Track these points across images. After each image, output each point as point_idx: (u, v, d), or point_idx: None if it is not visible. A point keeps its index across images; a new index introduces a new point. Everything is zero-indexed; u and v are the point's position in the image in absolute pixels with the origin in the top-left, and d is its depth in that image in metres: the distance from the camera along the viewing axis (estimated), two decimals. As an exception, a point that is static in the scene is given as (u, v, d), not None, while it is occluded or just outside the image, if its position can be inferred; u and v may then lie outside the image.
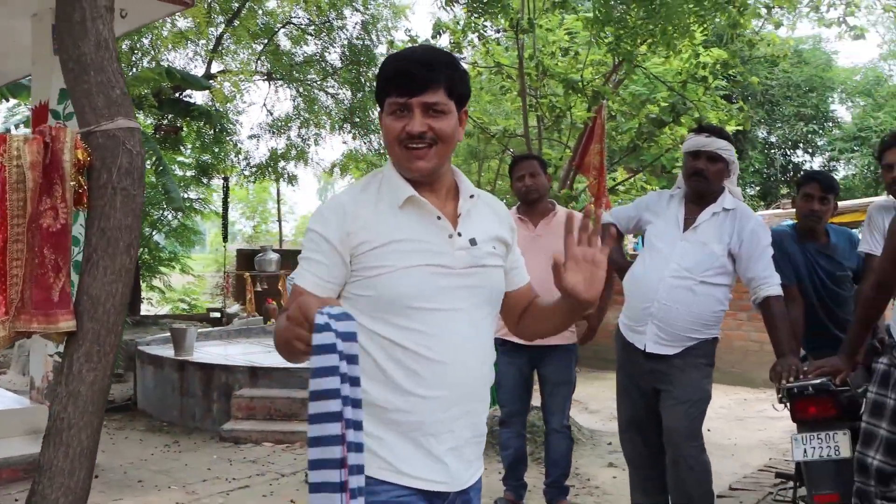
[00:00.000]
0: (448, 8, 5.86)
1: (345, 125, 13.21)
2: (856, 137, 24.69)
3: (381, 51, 12.55)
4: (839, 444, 3.54)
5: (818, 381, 3.49)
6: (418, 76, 1.82)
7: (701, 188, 3.88)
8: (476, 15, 5.78)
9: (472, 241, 1.93)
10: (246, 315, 11.09)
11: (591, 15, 6.68)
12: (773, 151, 25.57)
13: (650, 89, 7.84)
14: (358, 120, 12.97)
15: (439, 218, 1.90)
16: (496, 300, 2.01)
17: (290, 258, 12.95)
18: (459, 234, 1.91)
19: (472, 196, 1.97)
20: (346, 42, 12.43)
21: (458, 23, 7.27)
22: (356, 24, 12.40)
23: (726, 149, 3.88)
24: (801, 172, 24.76)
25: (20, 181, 2.68)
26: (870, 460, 3.19)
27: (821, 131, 26.77)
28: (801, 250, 4.16)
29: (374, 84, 1.99)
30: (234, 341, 9.44)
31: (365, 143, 13.44)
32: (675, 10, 5.38)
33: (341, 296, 1.92)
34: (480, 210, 2.01)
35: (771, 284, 3.74)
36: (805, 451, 3.56)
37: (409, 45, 7.16)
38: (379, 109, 1.98)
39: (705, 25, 6.13)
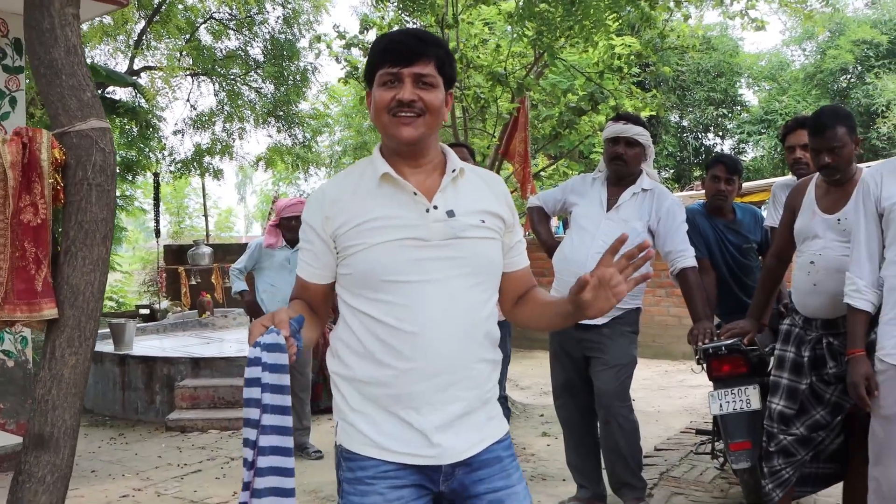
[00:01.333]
0: (380, 5, 6.08)
1: (269, 119, 13.33)
2: (763, 120, 25.66)
3: (304, 44, 12.72)
4: (750, 397, 3.96)
5: (730, 341, 3.90)
6: (411, 47, 1.88)
7: (621, 171, 4.25)
8: (406, 13, 6.03)
9: (450, 213, 1.94)
10: (180, 309, 11.18)
11: (512, 8, 7.02)
12: (685, 135, 26.40)
13: (569, 79, 8.22)
14: (282, 113, 13.08)
15: (416, 194, 1.93)
16: (484, 271, 2.00)
17: (221, 252, 13.04)
18: (436, 207, 1.93)
19: (454, 171, 1.98)
20: (268, 36, 12.54)
21: (383, 18, 7.52)
22: (278, 17, 12.51)
23: (642, 134, 4.25)
24: (713, 155, 25.69)
25: (1, 180, 2.87)
26: (774, 405, 3.61)
27: (730, 115, 27.74)
28: (711, 226, 4.58)
29: (294, 79, 2.09)
30: (171, 335, 9.54)
31: (290, 137, 13.57)
32: (591, 5, 5.74)
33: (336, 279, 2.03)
34: (470, 183, 2.03)
35: (687, 257, 4.14)
36: (721, 406, 3.97)
37: (337, 40, 7.38)
38: (367, 89, 2.03)
39: (619, 20, 6.53)
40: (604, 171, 4.41)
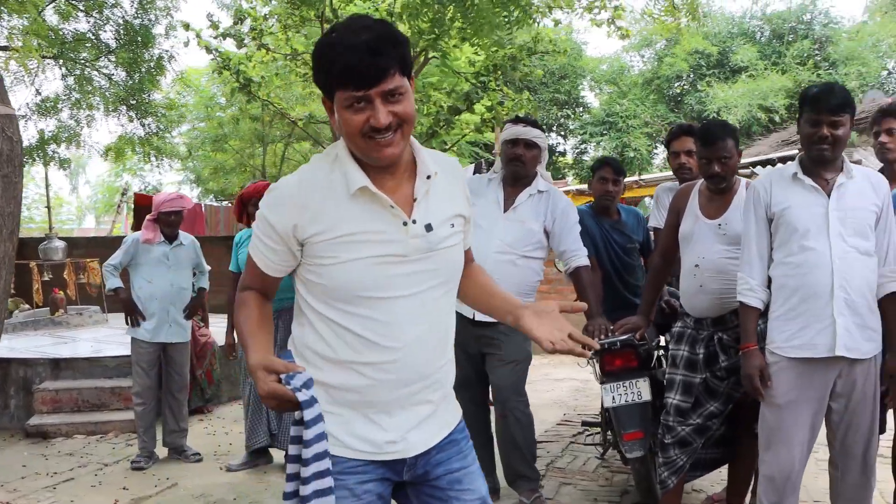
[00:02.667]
0: None
1: (120, 107, 12.71)
2: (604, 122, 26.75)
3: (160, 31, 12.22)
4: (641, 389, 4.17)
5: (624, 336, 4.10)
6: (372, 68, 1.70)
7: (519, 172, 4.36)
8: (294, 6, 5.94)
9: (428, 227, 1.88)
10: (28, 307, 10.50)
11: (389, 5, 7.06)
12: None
13: (441, 79, 8.33)
14: (135, 102, 12.52)
15: (392, 207, 1.84)
16: (455, 278, 2.00)
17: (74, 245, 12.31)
18: (414, 222, 1.86)
19: (428, 177, 1.89)
20: (121, 21, 11.96)
21: (255, 8, 7.39)
22: (133, 2, 11.94)
23: (540, 137, 4.39)
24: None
25: None
26: (670, 400, 3.83)
27: (572, 116, 28.78)
28: (598, 226, 4.78)
29: (148, 66, 1.89)
30: (21, 334, 8.94)
31: (142, 126, 12.99)
32: (483, 7, 5.87)
33: (295, 273, 1.94)
34: (438, 188, 1.94)
35: (581, 256, 4.31)
36: (613, 398, 4.16)
37: (210, 30, 7.16)
38: (323, 97, 1.89)
39: (509, 24, 6.69)
40: (499, 171, 4.51)
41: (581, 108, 29.27)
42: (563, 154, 30.21)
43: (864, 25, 26.05)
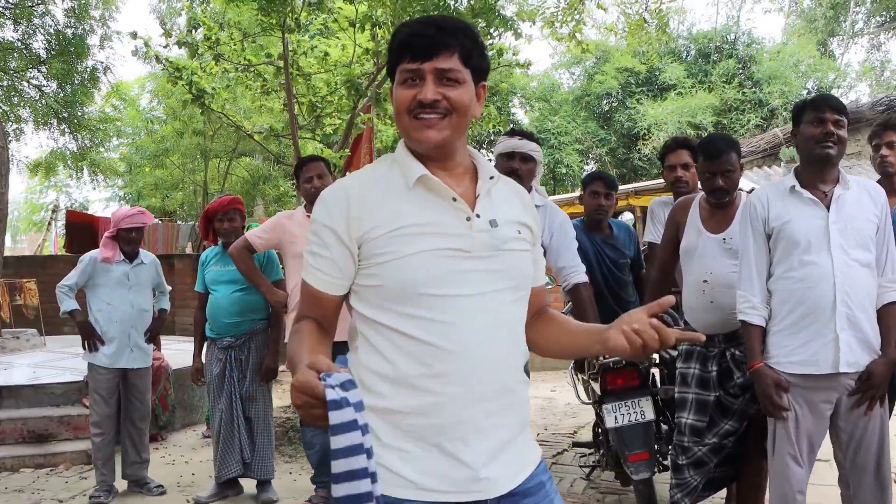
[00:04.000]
0: (238, 1, 5.69)
1: (51, 121, 12.12)
2: (535, 139, 26.91)
3: (95, 41, 11.71)
4: (644, 408, 4.06)
5: (626, 354, 3.98)
6: (430, 39, 1.70)
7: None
8: (264, 13, 5.69)
9: (493, 223, 1.77)
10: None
11: (352, 14, 6.87)
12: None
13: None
14: (67, 115, 11.96)
15: (455, 199, 1.75)
16: (523, 286, 1.85)
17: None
18: (478, 216, 1.76)
19: (491, 177, 1.83)
20: (52, 30, 11.42)
21: (206, 16, 7.10)
22: (68, 9, 11.39)
23: (536, 150, 4.26)
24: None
25: None
26: (684, 420, 3.72)
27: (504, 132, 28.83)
28: (590, 241, 4.67)
29: (81, 78, 1.78)
30: (-54, 359, 8.39)
31: (74, 141, 12.42)
32: (463, 16, 5.74)
33: (351, 289, 1.79)
34: (502, 191, 1.88)
35: (579, 272, 4.17)
36: (616, 419, 4.04)
37: (163, 38, 6.86)
38: (391, 86, 1.84)
39: (490, 35, 6.58)
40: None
41: (511, 125, 29.42)
42: (494, 170, 30.30)
43: (784, 46, 26.80)
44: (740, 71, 24.81)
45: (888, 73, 30.08)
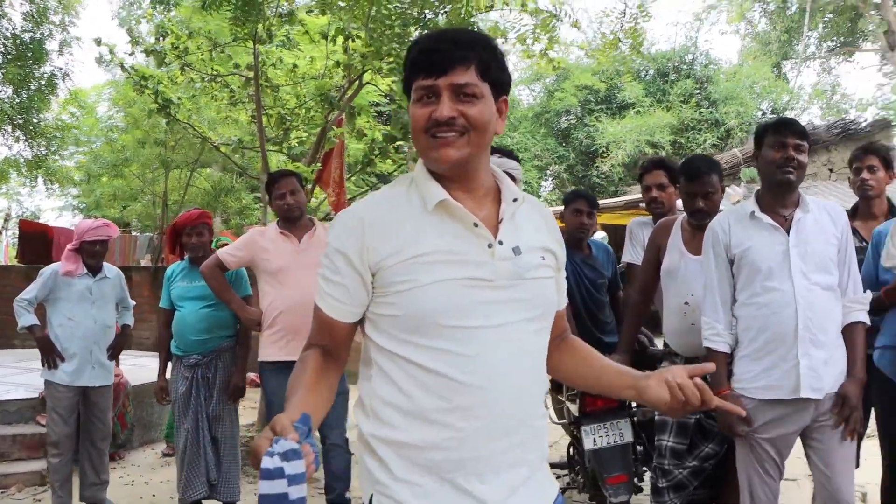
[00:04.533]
0: (209, 10, 5.56)
1: (6, 127, 11.78)
2: (491, 155, 27.02)
3: (54, 46, 11.43)
4: (623, 430, 4.03)
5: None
6: (444, 53, 1.62)
7: None
8: (238, 24, 5.59)
9: (516, 250, 1.69)
10: None
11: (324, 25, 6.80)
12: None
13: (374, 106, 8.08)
14: (23, 121, 11.62)
15: (476, 225, 1.67)
16: (547, 315, 1.77)
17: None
18: (500, 243, 1.68)
19: (515, 199, 1.74)
20: (9, 34, 11.12)
21: (173, 24, 6.97)
22: (26, 13, 11.10)
23: (517, 168, 4.20)
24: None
25: None
26: (664, 443, 3.68)
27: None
28: (570, 260, 4.61)
29: (39, 84, 1.71)
30: None
31: (32, 148, 12.07)
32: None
33: (365, 317, 1.72)
34: (527, 215, 1.79)
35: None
36: (595, 440, 4.00)
37: (131, 44, 6.71)
38: (408, 103, 1.76)
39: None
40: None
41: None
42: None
43: (740, 68, 27.28)
44: (697, 91, 25.15)
45: (838, 96, 30.78)
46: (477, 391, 1.61)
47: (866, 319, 3.21)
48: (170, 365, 5.07)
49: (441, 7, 5.98)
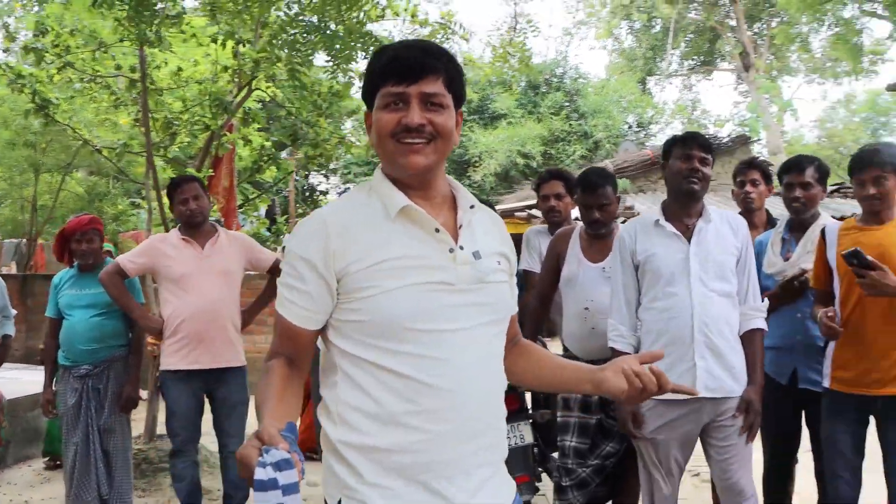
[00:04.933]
0: (100, 9, 5.34)
1: None
2: (368, 163, 27.01)
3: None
4: (523, 432, 4.16)
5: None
6: (416, 61, 1.67)
7: None
8: (135, 23, 5.40)
9: (476, 255, 1.74)
10: None
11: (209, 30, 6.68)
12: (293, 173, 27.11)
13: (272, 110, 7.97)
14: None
15: (437, 230, 1.71)
16: (505, 319, 1.83)
17: None
18: (461, 248, 1.73)
19: (472, 206, 1.79)
20: None
21: (52, 20, 6.69)
22: None
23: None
24: (318, 192, 26.38)
25: None
26: (567, 443, 3.83)
27: (335, 155, 28.78)
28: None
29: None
30: None
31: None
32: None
33: (328, 324, 1.74)
34: (482, 221, 1.84)
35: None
36: (499, 443, 4.10)
37: (6, 41, 6.40)
38: (366, 111, 1.80)
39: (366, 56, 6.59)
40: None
41: (343, 149, 29.35)
42: (326, 193, 30.19)
43: (607, 82, 28.31)
44: (567, 104, 25.87)
45: (698, 112, 32.43)
46: (446, 394, 1.65)
47: (764, 326, 3.40)
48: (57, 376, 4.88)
49: (338, 16, 6.00)
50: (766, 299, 3.49)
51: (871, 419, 3.49)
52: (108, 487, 4.72)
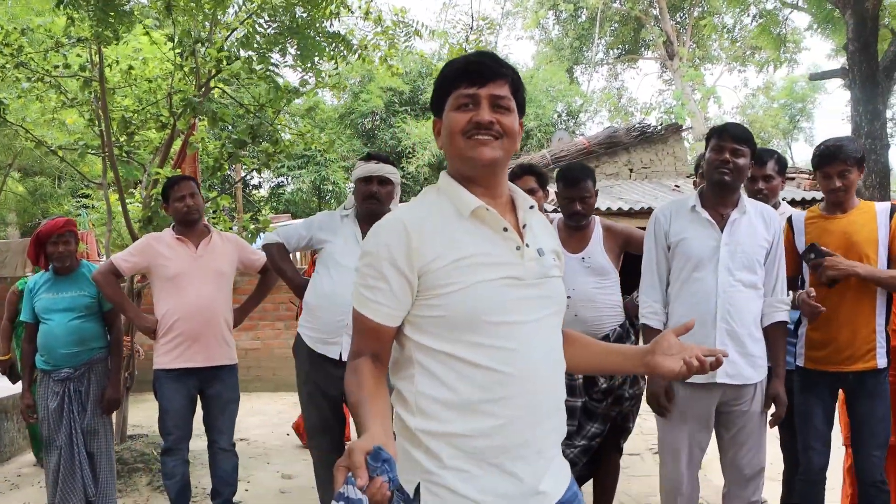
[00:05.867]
0: (70, 10, 5.27)
1: None
2: (302, 156, 26.84)
3: None
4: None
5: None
6: (486, 66, 1.83)
7: (375, 209, 4.28)
8: (100, 26, 5.34)
9: (540, 252, 1.90)
10: None
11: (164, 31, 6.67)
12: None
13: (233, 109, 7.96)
14: None
15: (506, 229, 1.84)
16: (563, 310, 1.97)
17: None
18: (528, 246, 1.87)
19: (531, 207, 1.93)
20: None
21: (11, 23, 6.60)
22: None
23: (394, 172, 4.38)
24: (251, 186, 26.07)
25: None
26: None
27: (268, 149, 28.46)
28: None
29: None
30: None
31: None
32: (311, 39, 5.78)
33: (404, 320, 1.83)
34: (539, 221, 2.00)
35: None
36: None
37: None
38: (434, 118, 1.95)
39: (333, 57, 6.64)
40: (351, 207, 4.43)
41: (269, 142, 29.04)
42: (259, 187, 29.87)
43: (536, 72, 28.65)
44: (500, 94, 26.09)
45: (625, 100, 33.08)
46: (518, 382, 1.78)
47: (788, 318, 3.54)
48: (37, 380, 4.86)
49: (293, 17, 6.07)
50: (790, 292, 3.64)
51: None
52: (94, 489, 4.73)
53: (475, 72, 1.83)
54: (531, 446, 1.81)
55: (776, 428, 4.17)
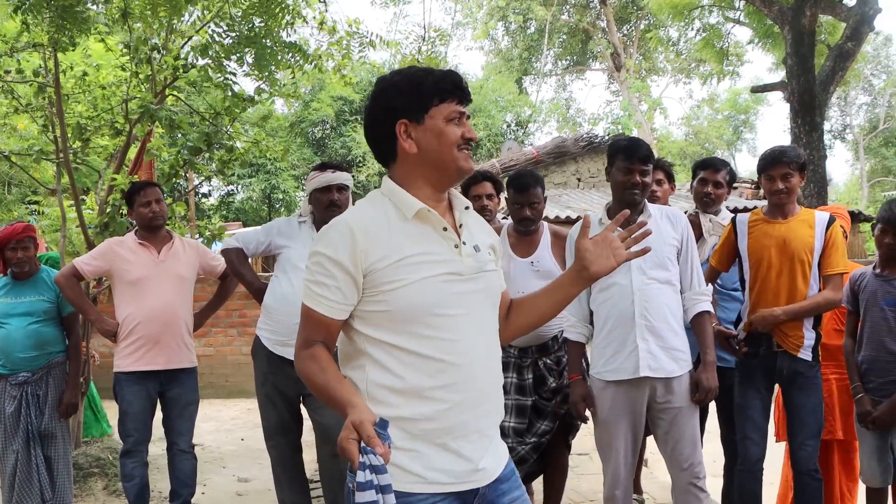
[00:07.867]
0: (27, 16, 5.29)
1: None
2: (252, 165, 26.72)
3: None
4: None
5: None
6: (467, 87, 2.06)
7: (335, 216, 4.40)
8: (58, 32, 5.37)
9: (476, 248, 2.08)
10: None
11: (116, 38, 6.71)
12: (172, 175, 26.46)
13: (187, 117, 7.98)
14: None
15: (445, 229, 2.02)
16: (498, 301, 2.17)
17: None
18: (464, 243, 2.04)
19: (466, 208, 2.12)
20: None
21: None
22: None
23: (349, 178, 4.48)
24: (201, 195, 25.78)
25: None
26: (506, 424, 4.15)
27: (220, 157, 28.27)
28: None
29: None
30: None
31: None
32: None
33: (352, 315, 2.00)
34: (475, 220, 2.17)
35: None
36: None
37: None
38: (404, 119, 2.01)
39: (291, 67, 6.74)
40: (308, 214, 4.52)
41: (224, 150, 28.86)
42: (208, 195, 29.67)
43: (485, 82, 28.96)
44: (448, 104, 26.28)
45: (573, 111, 33.55)
46: (460, 369, 1.97)
47: (711, 309, 3.74)
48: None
49: (251, 26, 6.17)
50: (710, 285, 3.87)
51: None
52: (51, 493, 4.76)
53: (465, 92, 2.04)
54: (472, 427, 2.00)
55: (717, 425, 4.42)
